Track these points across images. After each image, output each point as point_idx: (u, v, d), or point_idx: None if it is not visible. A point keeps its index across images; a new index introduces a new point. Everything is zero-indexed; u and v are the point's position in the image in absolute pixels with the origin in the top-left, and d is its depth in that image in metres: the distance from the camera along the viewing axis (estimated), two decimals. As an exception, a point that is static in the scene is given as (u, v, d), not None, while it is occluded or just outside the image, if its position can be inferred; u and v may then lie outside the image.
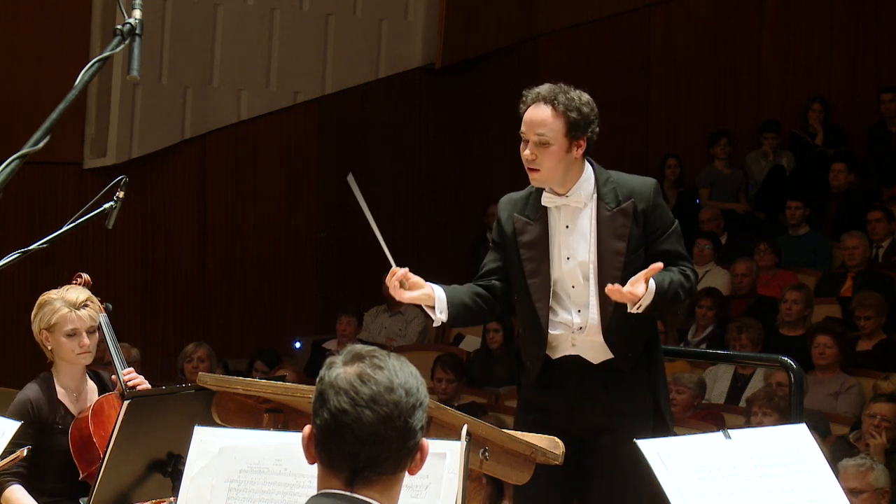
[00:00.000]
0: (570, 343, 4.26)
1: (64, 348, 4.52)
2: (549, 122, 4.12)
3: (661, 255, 4.21)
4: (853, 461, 5.62)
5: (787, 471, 3.09)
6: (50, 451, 4.48)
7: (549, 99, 4.13)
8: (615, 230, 4.19)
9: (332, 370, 2.38)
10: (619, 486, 4.23)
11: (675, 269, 4.21)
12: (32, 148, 2.66)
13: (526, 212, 4.27)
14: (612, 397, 4.24)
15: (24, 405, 4.49)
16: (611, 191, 4.22)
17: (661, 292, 4.11)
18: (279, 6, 10.58)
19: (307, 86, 10.80)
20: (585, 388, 4.25)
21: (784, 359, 5.02)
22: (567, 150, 4.14)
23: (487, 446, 3.45)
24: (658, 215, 4.24)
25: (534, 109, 4.15)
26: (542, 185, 4.22)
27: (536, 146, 4.13)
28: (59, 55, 9.45)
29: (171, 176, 10.25)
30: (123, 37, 2.83)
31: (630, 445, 4.19)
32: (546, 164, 4.13)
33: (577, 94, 4.17)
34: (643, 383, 4.29)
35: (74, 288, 4.61)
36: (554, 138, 4.11)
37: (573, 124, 4.12)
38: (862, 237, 9.42)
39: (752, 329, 8.17)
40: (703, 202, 11.42)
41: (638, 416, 4.26)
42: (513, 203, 4.33)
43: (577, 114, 4.12)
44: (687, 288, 4.25)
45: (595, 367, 4.25)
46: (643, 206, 4.20)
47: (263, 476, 3.12)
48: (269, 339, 10.23)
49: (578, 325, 4.22)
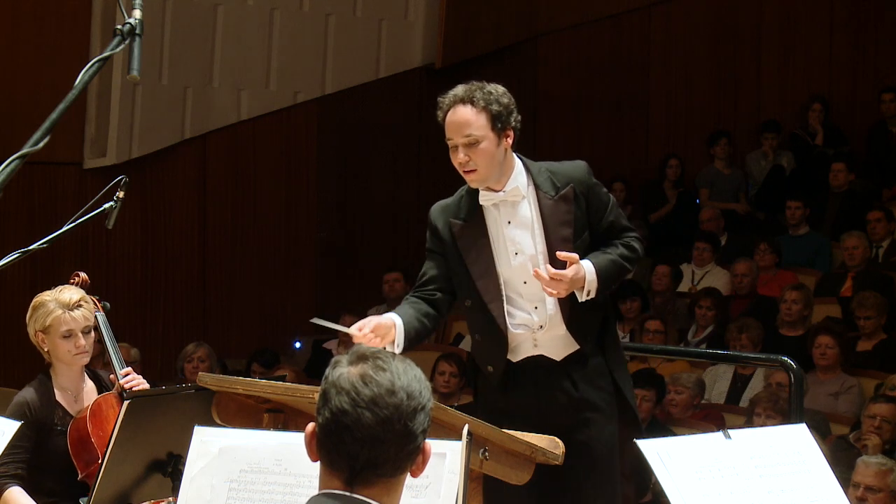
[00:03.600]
0: (532, 343, 4.24)
1: (60, 350, 4.51)
2: (472, 120, 4.11)
3: (608, 229, 4.26)
4: (875, 459, 5.64)
5: (787, 471, 3.09)
6: (49, 452, 4.47)
7: (467, 98, 4.13)
8: (560, 217, 4.19)
9: (336, 370, 2.38)
10: (596, 482, 4.23)
11: (616, 243, 4.26)
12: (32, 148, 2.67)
13: (461, 215, 4.25)
14: (580, 390, 4.24)
15: (22, 407, 4.48)
16: (547, 179, 4.22)
17: (604, 271, 4.16)
18: (279, 6, 10.57)
19: (307, 86, 10.80)
20: (552, 387, 4.24)
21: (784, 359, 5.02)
22: (497, 144, 4.13)
23: (487, 446, 3.45)
24: (596, 194, 4.26)
25: (454, 112, 4.14)
26: (480, 184, 4.19)
27: (467, 147, 4.11)
28: (59, 55, 9.45)
29: (171, 176, 10.25)
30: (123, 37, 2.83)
31: (605, 439, 4.22)
32: (481, 162, 4.12)
33: (492, 87, 4.17)
34: (603, 369, 4.30)
35: (68, 288, 4.60)
36: (482, 135, 4.10)
37: (496, 116, 4.11)
38: (862, 237, 9.42)
39: (752, 329, 8.17)
40: (703, 202, 11.41)
41: (608, 407, 4.28)
42: (446, 209, 4.31)
43: (498, 105, 4.12)
44: (632, 257, 4.29)
45: (559, 363, 4.24)
46: (581, 189, 4.22)
47: (263, 476, 3.12)
48: (269, 339, 10.23)
49: (539, 324, 4.21)
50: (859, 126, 11.85)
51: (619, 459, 4.38)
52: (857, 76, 12.30)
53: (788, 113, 12.09)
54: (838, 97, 12.08)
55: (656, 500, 6.27)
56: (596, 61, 11.96)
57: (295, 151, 10.79)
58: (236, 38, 10.37)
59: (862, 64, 12.26)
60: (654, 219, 11.42)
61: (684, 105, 12.27)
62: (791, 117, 12.04)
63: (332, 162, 10.83)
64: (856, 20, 12.25)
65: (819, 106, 11.72)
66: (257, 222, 10.62)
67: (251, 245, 10.58)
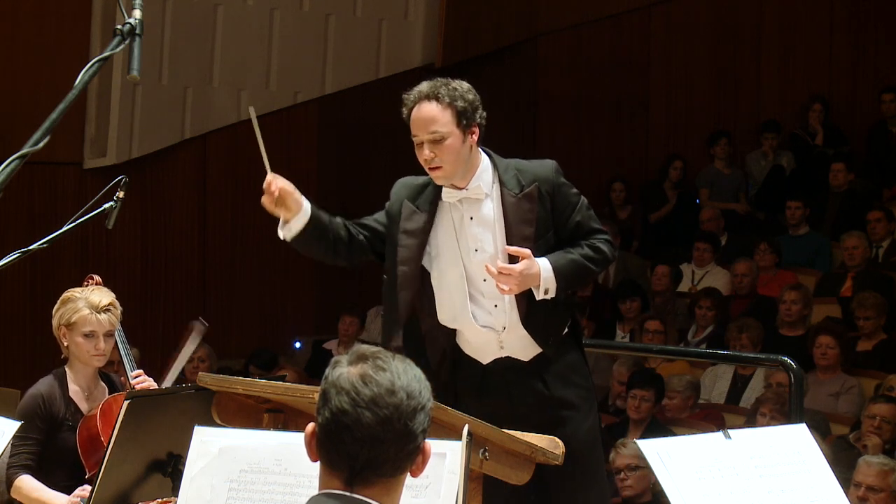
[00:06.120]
0: (499, 346, 4.23)
1: (80, 348, 4.54)
2: (438, 116, 4.12)
3: (574, 229, 4.22)
4: (877, 459, 5.65)
5: (787, 471, 3.09)
6: (58, 447, 4.51)
7: (433, 95, 4.13)
8: (522, 216, 4.17)
9: (336, 369, 2.38)
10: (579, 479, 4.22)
11: (581, 243, 4.21)
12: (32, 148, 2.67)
13: (417, 201, 4.26)
14: (553, 390, 4.22)
15: (36, 398, 4.52)
16: (513, 177, 4.20)
17: (563, 269, 4.12)
18: (279, 6, 10.58)
19: (307, 86, 10.80)
20: (524, 388, 4.23)
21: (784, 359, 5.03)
22: (462, 140, 4.13)
23: (487, 446, 3.45)
24: (563, 194, 4.23)
25: (419, 109, 4.15)
26: (446, 181, 4.18)
27: (432, 144, 4.12)
28: (59, 55, 9.45)
29: (171, 176, 10.25)
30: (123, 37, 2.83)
31: (582, 436, 4.21)
32: (446, 158, 4.12)
33: (457, 84, 4.17)
34: (578, 369, 4.28)
35: (100, 290, 4.62)
36: (448, 131, 4.11)
37: (461, 113, 4.11)
38: (862, 237, 9.42)
39: (752, 329, 8.17)
40: (703, 202, 11.41)
41: (584, 403, 4.26)
42: (408, 188, 4.32)
43: (463, 101, 4.12)
44: (598, 259, 4.23)
45: (527, 364, 4.23)
46: (547, 188, 4.19)
47: (263, 476, 3.12)
48: (269, 339, 10.24)
49: (502, 325, 4.20)
50: (859, 126, 11.85)
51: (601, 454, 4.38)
52: (857, 76, 12.30)
53: (788, 113, 12.09)
54: (838, 97, 12.08)
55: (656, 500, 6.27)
56: (596, 61, 11.96)
57: (295, 151, 10.79)
58: (236, 38, 10.37)
59: (862, 64, 12.26)
60: (654, 219, 11.43)
61: (684, 105, 12.27)
62: (791, 117, 12.05)
63: (332, 162, 10.83)
64: (856, 20, 12.25)
65: (819, 106, 11.72)
66: (257, 222, 10.60)
67: (251, 245, 10.58)
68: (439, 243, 4.24)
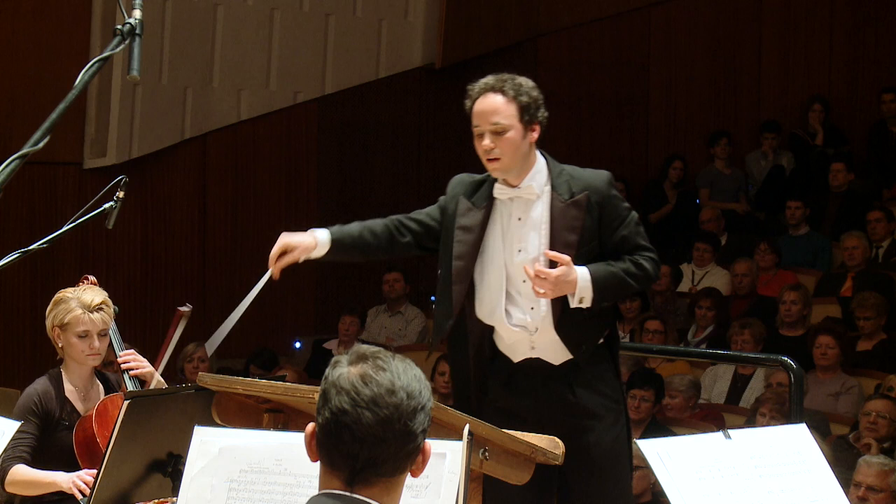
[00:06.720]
0: (530, 346, 4.23)
1: (74, 348, 4.55)
2: (502, 108, 4.13)
3: (618, 243, 4.22)
4: (877, 459, 5.64)
5: (787, 471, 3.09)
6: (54, 447, 4.51)
7: (498, 87, 4.15)
8: (568, 222, 4.18)
9: (336, 369, 2.38)
10: (597, 487, 4.21)
11: (624, 258, 4.21)
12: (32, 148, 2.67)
13: (473, 198, 4.27)
14: (579, 397, 4.22)
15: (31, 396, 4.54)
16: (565, 182, 4.21)
17: (600, 280, 4.11)
18: (279, 6, 10.57)
19: (307, 86, 10.79)
20: (551, 392, 4.23)
21: (784, 359, 5.02)
22: (523, 135, 4.14)
23: (487, 446, 3.45)
24: (613, 206, 4.24)
25: (483, 100, 4.16)
26: (503, 174, 4.20)
27: (493, 135, 4.13)
28: (59, 55, 9.45)
29: (171, 176, 10.25)
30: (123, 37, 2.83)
31: (606, 446, 4.20)
32: (506, 151, 4.13)
33: (523, 80, 4.20)
34: (608, 380, 4.27)
35: (91, 289, 4.62)
36: (510, 124, 4.12)
37: (525, 108, 4.13)
38: (862, 237, 9.42)
39: (755, 327, 8.16)
40: (703, 202, 11.42)
41: (609, 414, 4.24)
42: (464, 185, 4.32)
43: (528, 97, 4.15)
44: (638, 275, 4.23)
45: (557, 368, 4.23)
46: (597, 198, 4.20)
47: (263, 476, 3.12)
48: (269, 339, 10.23)
49: (535, 326, 4.20)
50: (859, 126, 11.85)
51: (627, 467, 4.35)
52: (857, 76, 12.30)
53: (788, 113, 12.10)
54: (838, 97, 12.08)
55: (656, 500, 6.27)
56: (596, 61, 11.96)
57: (295, 151, 10.79)
58: (236, 38, 10.37)
59: (862, 64, 12.27)
60: (654, 219, 11.42)
61: (684, 105, 12.27)
62: (791, 117, 12.05)
63: (332, 162, 10.82)
64: (856, 20, 12.25)
65: (819, 106, 11.72)
66: (257, 222, 10.62)
67: (251, 245, 10.57)
68: (486, 240, 4.26)
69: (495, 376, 4.29)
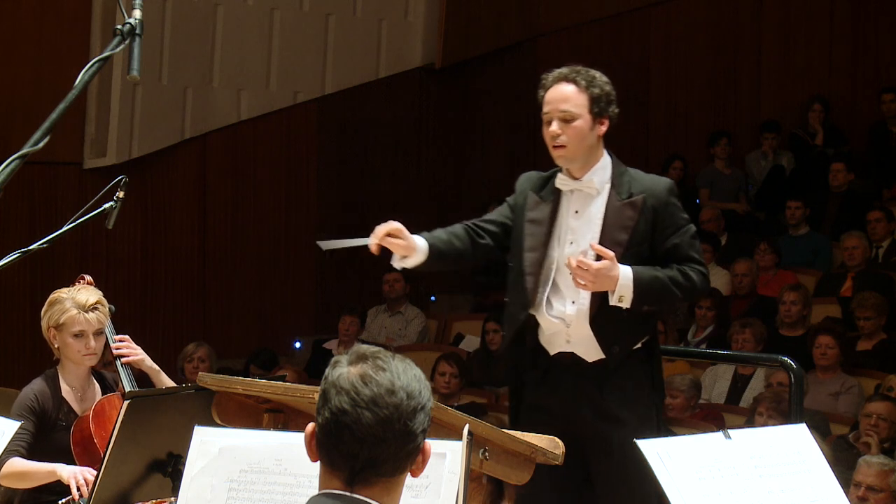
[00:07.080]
0: (566, 339, 4.24)
1: (70, 349, 4.55)
2: (572, 97, 4.20)
3: (670, 250, 4.21)
4: (877, 459, 5.64)
5: (787, 471, 3.09)
6: (51, 447, 4.50)
7: (571, 77, 4.25)
8: (621, 221, 4.19)
9: (336, 369, 2.38)
10: (624, 490, 4.21)
11: (673, 266, 4.20)
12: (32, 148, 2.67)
13: (541, 192, 4.30)
14: (608, 400, 4.20)
15: (28, 394, 4.54)
16: (625, 182, 4.25)
17: (643, 282, 4.10)
18: (279, 6, 10.57)
19: (307, 86, 10.79)
20: (580, 390, 4.22)
21: (784, 359, 5.02)
22: (591, 126, 4.19)
23: (487, 446, 3.45)
24: (670, 213, 4.25)
25: (556, 88, 4.24)
26: (567, 163, 4.23)
27: (561, 122, 4.17)
28: (59, 55, 9.45)
29: (171, 176, 10.25)
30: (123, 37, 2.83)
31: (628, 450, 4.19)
32: (572, 139, 4.17)
33: (596, 73, 4.30)
34: (640, 385, 4.25)
35: (86, 289, 4.62)
36: (579, 113, 4.19)
37: (596, 100, 4.21)
38: (862, 237, 9.42)
39: (755, 326, 8.16)
40: (703, 202, 11.41)
41: (634, 419, 4.21)
42: (532, 181, 4.36)
43: (600, 90, 4.24)
44: (684, 285, 4.19)
45: (589, 365, 4.22)
46: (654, 202, 4.21)
47: (263, 476, 3.12)
48: (269, 339, 10.23)
49: (572, 319, 4.20)
50: (859, 126, 11.85)
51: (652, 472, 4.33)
52: (857, 76, 12.31)
53: (788, 113, 12.10)
54: (838, 97, 12.08)
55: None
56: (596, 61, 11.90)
57: (295, 151, 10.78)
58: (236, 38, 10.37)
59: (862, 64, 12.27)
60: (654, 219, 11.41)
61: (684, 105, 12.27)
62: (791, 117, 12.05)
63: (332, 162, 10.82)
64: (856, 20, 12.25)
65: (819, 106, 11.72)
66: (257, 222, 10.62)
67: (251, 245, 10.58)
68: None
69: (531, 369, 4.30)
